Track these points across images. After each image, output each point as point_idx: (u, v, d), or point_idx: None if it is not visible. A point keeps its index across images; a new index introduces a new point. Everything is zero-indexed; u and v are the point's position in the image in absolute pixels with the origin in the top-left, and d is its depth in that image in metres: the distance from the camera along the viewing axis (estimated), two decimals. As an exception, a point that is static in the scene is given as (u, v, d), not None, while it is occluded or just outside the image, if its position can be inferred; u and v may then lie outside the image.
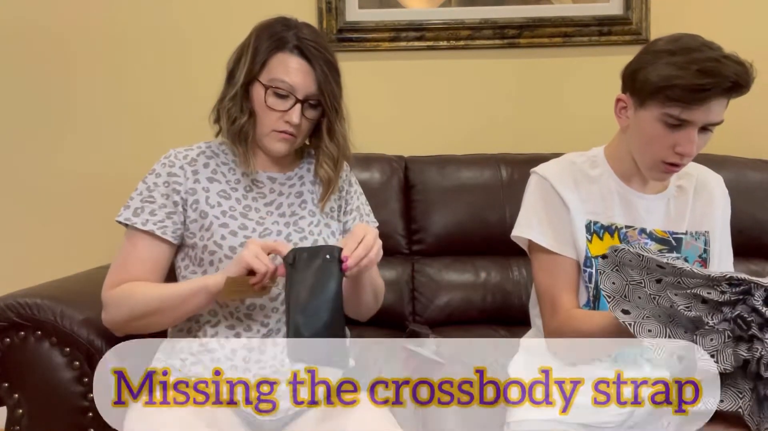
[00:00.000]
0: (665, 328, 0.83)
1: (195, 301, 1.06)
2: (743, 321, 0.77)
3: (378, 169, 1.71)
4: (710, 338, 0.79)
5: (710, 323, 0.79)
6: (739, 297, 0.79)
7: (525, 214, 1.20)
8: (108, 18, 1.91)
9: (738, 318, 0.78)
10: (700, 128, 1.04)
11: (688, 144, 1.04)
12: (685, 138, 1.04)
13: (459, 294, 1.66)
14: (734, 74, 1.00)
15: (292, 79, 1.10)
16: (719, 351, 0.78)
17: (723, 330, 0.79)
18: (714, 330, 0.79)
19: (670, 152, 1.06)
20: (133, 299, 1.08)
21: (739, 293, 0.79)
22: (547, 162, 1.22)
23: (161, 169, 1.15)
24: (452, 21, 1.87)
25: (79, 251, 1.90)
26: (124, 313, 1.08)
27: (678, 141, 1.05)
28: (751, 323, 0.77)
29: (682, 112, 1.02)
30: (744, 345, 0.78)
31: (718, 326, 0.79)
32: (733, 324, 0.78)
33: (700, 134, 1.05)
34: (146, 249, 1.12)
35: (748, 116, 1.87)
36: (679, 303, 0.81)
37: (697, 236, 1.17)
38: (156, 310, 1.07)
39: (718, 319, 0.79)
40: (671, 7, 1.84)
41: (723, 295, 0.79)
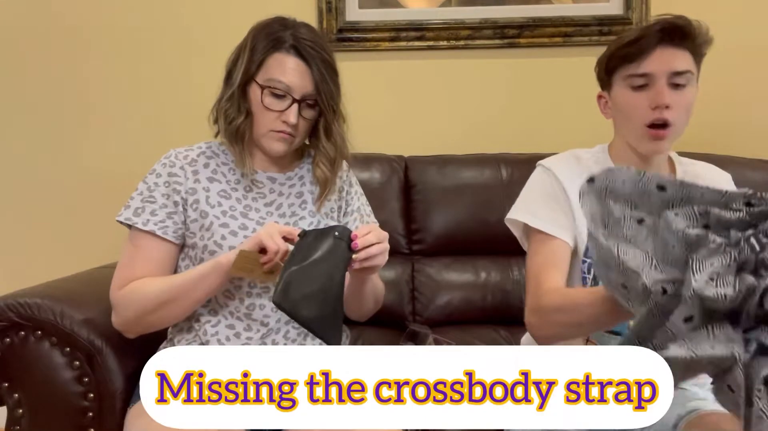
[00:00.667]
0: (651, 259, 0.70)
1: (208, 282, 1.06)
2: (758, 242, 0.65)
3: (378, 169, 1.71)
4: (711, 262, 0.65)
5: (714, 243, 0.66)
6: (753, 222, 0.67)
7: (522, 199, 1.21)
8: (110, 17, 1.91)
9: (752, 237, 0.65)
10: (672, 84, 1.08)
11: (658, 96, 1.07)
12: (655, 92, 1.08)
13: (459, 294, 1.66)
14: (666, 23, 1.08)
15: (289, 78, 1.09)
16: (720, 275, 0.64)
17: (728, 251, 0.65)
18: (717, 251, 0.66)
19: (648, 112, 1.09)
20: (144, 294, 1.08)
21: (757, 215, 0.67)
22: (553, 155, 1.23)
23: (162, 169, 1.15)
24: (452, 21, 1.87)
25: (80, 251, 1.90)
26: (137, 310, 1.08)
27: (650, 98, 1.08)
28: (766, 245, 0.64)
29: (638, 67, 1.08)
30: (749, 274, 0.65)
31: (722, 248, 0.65)
32: (744, 243, 0.65)
33: (674, 90, 1.08)
34: (150, 249, 1.12)
35: (748, 116, 1.87)
36: (678, 224, 0.68)
37: None
38: (169, 300, 1.07)
39: (724, 240, 0.66)
40: (671, 7, 1.84)
41: (736, 214, 0.67)
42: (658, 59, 1.07)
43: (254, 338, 1.12)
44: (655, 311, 0.67)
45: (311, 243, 0.98)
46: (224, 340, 1.12)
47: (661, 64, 1.07)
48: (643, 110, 1.09)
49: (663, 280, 0.68)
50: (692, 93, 1.11)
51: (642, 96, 1.09)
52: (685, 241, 0.68)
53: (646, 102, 1.09)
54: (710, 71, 1.86)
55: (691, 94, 1.10)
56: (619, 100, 1.13)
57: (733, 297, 0.63)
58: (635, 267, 0.69)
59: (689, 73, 1.09)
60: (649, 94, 1.08)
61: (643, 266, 0.69)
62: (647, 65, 1.08)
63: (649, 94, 1.08)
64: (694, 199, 0.70)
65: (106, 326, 1.15)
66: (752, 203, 0.68)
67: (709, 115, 1.87)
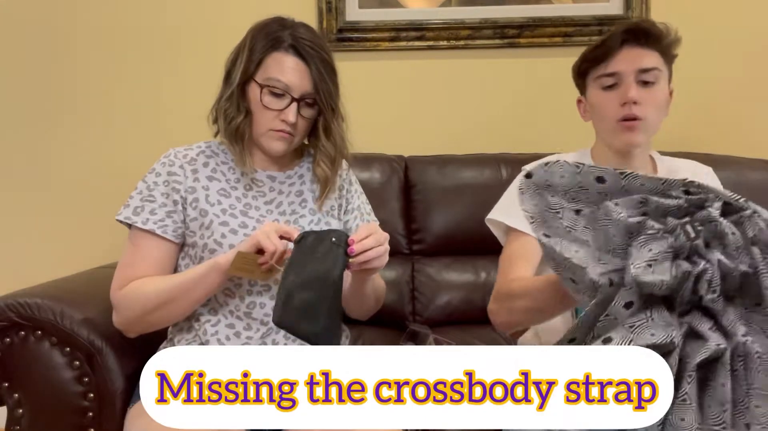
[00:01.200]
0: (594, 252, 0.71)
1: (208, 281, 1.06)
2: (693, 229, 0.66)
3: (378, 169, 1.71)
4: (649, 248, 0.66)
5: (652, 229, 0.67)
6: (691, 210, 0.68)
7: (502, 201, 1.27)
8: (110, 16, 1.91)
9: (688, 224, 0.66)
10: (640, 82, 1.13)
11: (626, 93, 1.12)
12: (623, 89, 1.13)
13: (459, 294, 1.66)
14: (632, 23, 1.14)
15: (288, 78, 1.10)
16: (658, 261, 0.65)
17: (665, 238, 0.66)
18: (654, 238, 0.67)
19: (618, 109, 1.14)
20: (144, 294, 1.08)
21: (695, 202, 0.68)
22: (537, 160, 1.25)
23: (161, 168, 1.16)
24: (452, 21, 1.87)
25: (80, 251, 1.90)
26: (137, 309, 1.09)
27: (619, 95, 1.14)
28: (700, 233, 0.66)
29: (606, 67, 1.14)
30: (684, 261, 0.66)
31: (659, 234, 0.67)
32: (680, 230, 0.66)
33: (642, 87, 1.13)
34: (149, 248, 1.12)
35: (748, 116, 1.87)
36: (618, 213, 0.69)
37: None
38: (168, 300, 1.07)
39: (662, 227, 0.67)
40: (671, 7, 1.84)
41: (675, 201, 0.68)
42: (624, 58, 1.13)
43: (254, 337, 1.12)
44: (603, 301, 0.68)
45: (308, 248, 0.97)
46: (224, 340, 1.12)
47: (628, 63, 1.13)
48: (614, 107, 1.14)
49: (608, 272, 0.69)
50: (662, 90, 1.15)
51: (612, 95, 1.15)
52: (626, 229, 0.69)
53: (616, 99, 1.14)
54: (710, 70, 1.87)
55: (661, 91, 1.15)
56: (593, 100, 1.19)
57: (669, 282, 0.65)
58: (580, 262, 0.70)
59: (656, 70, 1.13)
60: (618, 92, 1.14)
61: (587, 261, 0.70)
62: (614, 65, 1.14)
63: (618, 92, 1.14)
64: (633, 189, 0.71)
65: (106, 326, 1.15)
66: (691, 191, 0.69)
67: (709, 114, 1.87)
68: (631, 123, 1.13)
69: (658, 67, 1.13)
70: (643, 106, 1.12)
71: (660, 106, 1.15)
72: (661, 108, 1.16)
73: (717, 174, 1.25)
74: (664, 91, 1.16)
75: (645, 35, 1.13)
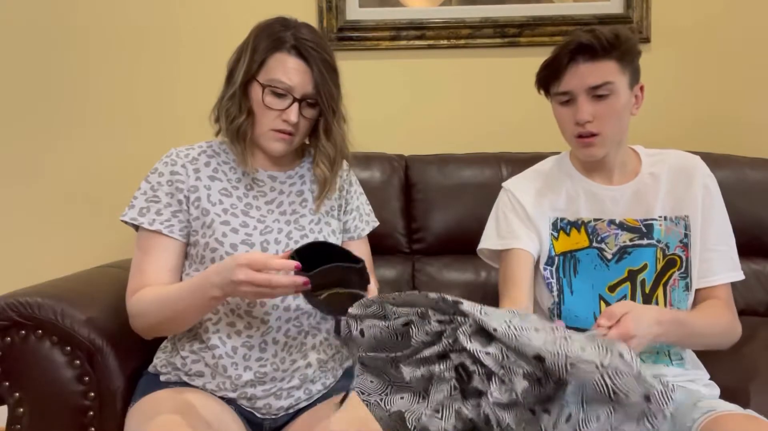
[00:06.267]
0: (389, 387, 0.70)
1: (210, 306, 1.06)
2: (464, 371, 0.64)
3: (378, 168, 1.70)
4: (440, 389, 0.65)
5: (438, 369, 0.65)
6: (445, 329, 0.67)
7: (485, 230, 1.30)
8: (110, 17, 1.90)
9: (460, 366, 0.64)
10: (594, 97, 1.12)
11: (579, 112, 1.13)
12: (576, 108, 1.13)
13: (459, 293, 1.62)
14: (579, 39, 1.11)
15: (290, 78, 1.10)
16: (444, 406, 0.64)
17: (450, 379, 0.64)
18: (444, 379, 0.65)
19: (574, 126, 1.15)
20: (150, 310, 1.09)
21: (446, 322, 0.67)
22: (516, 175, 1.32)
23: (163, 168, 1.16)
24: (453, 20, 1.87)
25: (80, 250, 1.90)
26: (150, 322, 1.10)
27: (573, 113, 1.14)
28: (473, 374, 0.63)
29: (559, 86, 1.14)
30: (472, 400, 0.64)
31: (446, 373, 0.65)
32: (456, 372, 0.65)
33: (595, 101, 1.12)
34: (158, 250, 1.13)
35: (748, 115, 1.87)
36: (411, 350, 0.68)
37: (677, 221, 1.19)
38: (171, 318, 1.08)
39: (446, 366, 0.65)
40: (672, 6, 1.84)
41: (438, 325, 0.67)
42: (572, 77, 1.12)
43: (255, 336, 1.12)
44: None
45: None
46: (225, 338, 1.12)
47: (576, 81, 1.12)
48: (570, 124, 1.16)
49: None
50: (619, 100, 1.13)
51: (568, 111, 1.15)
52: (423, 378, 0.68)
53: (571, 116, 1.15)
54: (709, 69, 1.87)
55: (618, 101, 1.13)
56: (555, 113, 1.20)
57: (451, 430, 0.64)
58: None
59: (608, 84, 1.12)
60: (572, 109, 1.15)
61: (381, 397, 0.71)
62: (564, 84, 1.14)
63: (572, 109, 1.15)
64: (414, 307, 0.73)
65: (106, 325, 1.16)
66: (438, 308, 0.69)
67: (709, 113, 1.87)
68: (587, 140, 1.14)
69: (609, 80, 1.11)
70: (598, 121, 1.12)
71: (619, 115, 1.14)
72: (621, 116, 1.15)
73: (717, 174, 1.25)
74: (622, 99, 1.13)
75: (590, 51, 1.10)
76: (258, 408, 1.13)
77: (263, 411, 1.13)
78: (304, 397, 1.15)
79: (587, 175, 1.23)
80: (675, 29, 1.84)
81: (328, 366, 1.20)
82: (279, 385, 1.13)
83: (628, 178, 1.22)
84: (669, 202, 1.19)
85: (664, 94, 1.76)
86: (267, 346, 1.12)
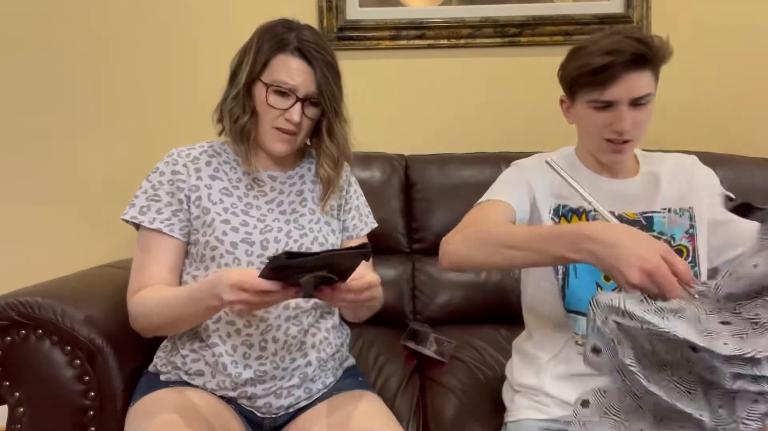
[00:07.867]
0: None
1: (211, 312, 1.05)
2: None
3: (378, 168, 1.71)
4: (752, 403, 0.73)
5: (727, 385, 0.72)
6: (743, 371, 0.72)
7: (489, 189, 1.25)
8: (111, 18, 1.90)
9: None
10: (632, 104, 1.09)
11: (619, 122, 1.09)
12: (616, 117, 1.10)
13: (459, 292, 1.66)
14: (632, 48, 1.06)
15: (293, 79, 1.11)
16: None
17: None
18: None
19: (607, 131, 1.12)
20: (150, 312, 1.09)
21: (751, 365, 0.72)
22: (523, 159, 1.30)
23: (165, 167, 1.16)
24: (453, 19, 1.87)
25: (80, 250, 1.90)
26: (151, 323, 1.10)
27: (611, 120, 1.10)
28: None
29: (601, 95, 1.09)
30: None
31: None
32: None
33: (634, 109, 1.10)
34: (158, 249, 1.13)
35: (748, 115, 1.87)
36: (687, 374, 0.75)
37: (681, 212, 1.19)
38: (174, 322, 1.08)
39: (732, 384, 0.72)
40: (672, 5, 1.84)
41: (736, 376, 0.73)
42: (620, 87, 1.08)
43: (254, 334, 1.12)
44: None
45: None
46: (225, 336, 1.12)
47: (624, 92, 1.09)
48: (605, 129, 1.12)
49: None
50: (651, 107, 1.13)
51: (603, 116, 1.11)
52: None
53: (607, 120, 1.11)
54: (710, 70, 1.87)
55: (650, 108, 1.13)
56: (581, 115, 1.15)
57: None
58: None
59: (649, 95, 1.11)
60: (609, 116, 1.11)
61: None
62: (610, 93, 1.09)
63: (609, 116, 1.11)
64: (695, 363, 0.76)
65: (106, 325, 1.16)
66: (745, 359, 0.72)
67: (709, 113, 1.87)
68: (620, 146, 1.13)
69: (650, 92, 1.11)
70: (633, 129, 1.11)
71: (648, 122, 1.14)
72: (649, 122, 1.14)
73: (718, 174, 1.25)
74: (653, 106, 1.13)
75: (645, 61, 1.08)
76: (258, 407, 1.13)
77: (263, 410, 1.13)
78: (304, 396, 1.16)
79: (595, 172, 1.22)
80: (675, 29, 1.83)
81: (328, 365, 1.20)
82: (279, 384, 1.13)
83: (629, 176, 1.22)
84: (670, 196, 1.20)
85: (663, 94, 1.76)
86: (267, 345, 1.13)
